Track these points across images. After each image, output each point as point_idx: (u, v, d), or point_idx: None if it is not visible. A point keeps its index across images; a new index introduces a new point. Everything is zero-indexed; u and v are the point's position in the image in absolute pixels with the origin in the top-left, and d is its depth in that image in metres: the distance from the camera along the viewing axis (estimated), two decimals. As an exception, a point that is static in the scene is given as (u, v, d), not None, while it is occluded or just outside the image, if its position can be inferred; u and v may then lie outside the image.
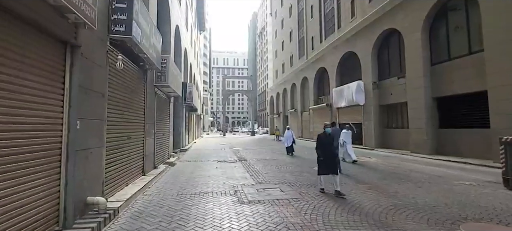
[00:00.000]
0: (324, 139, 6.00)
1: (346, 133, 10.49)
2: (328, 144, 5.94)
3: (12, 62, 2.85)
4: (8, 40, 2.79)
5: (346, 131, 10.57)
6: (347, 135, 10.53)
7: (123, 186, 5.79)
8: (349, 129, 10.75)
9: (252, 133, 44.12)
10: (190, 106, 18.51)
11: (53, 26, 3.37)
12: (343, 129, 10.79)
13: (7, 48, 2.78)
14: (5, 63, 2.76)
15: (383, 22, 15.69)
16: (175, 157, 12.08)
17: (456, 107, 11.84)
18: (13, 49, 2.85)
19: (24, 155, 2.98)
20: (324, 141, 5.97)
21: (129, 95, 6.23)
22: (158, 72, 8.37)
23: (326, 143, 5.93)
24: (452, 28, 11.99)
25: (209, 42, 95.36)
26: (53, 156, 3.47)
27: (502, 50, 9.25)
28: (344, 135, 10.37)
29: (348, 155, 10.36)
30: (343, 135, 10.30)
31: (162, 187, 6.44)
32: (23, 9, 2.87)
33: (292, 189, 6.15)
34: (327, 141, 5.96)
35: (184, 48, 16.71)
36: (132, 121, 6.45)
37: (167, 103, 11.23)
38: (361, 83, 17.71)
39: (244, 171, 8.80)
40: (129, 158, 6.21)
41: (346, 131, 10.60)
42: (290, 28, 35.40)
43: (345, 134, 10.46)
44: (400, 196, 5.59)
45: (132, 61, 6.33)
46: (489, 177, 7.64)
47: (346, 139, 10.42)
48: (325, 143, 5.94)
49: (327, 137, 6.00)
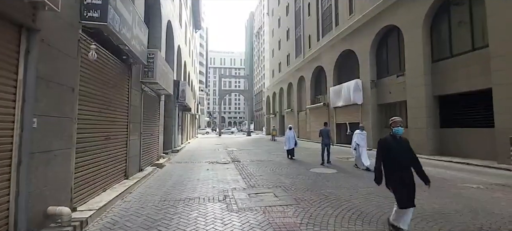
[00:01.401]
0: (396, 146, 3.39)
1: (360, 134, 9.17)
2: (401, 152, 3.38)
3: None
4: None
5: (359, 132, 9.26)
6: (361, 136, 9.15)
7: (100, 192, 5.22)
8: (363, 129, 9.41)
9: (248, 133, 43.56)
10: (183, 105, 17.91)
11: (2, 5, 2.81)
12: (356, 129, 9.54)
13: None
14: None
15: (383, 18, 15.26)
16: (165, 158, 11.50)
17: (458, 106, 11.43)
18: None
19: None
20: (396, 150, 3.37)
21: (109, 91, 5.66)
22: (145, 67, 7.80)
23: (398, 152, 3.37)
24: (454, 24, 11.57)
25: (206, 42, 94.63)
26: (1, 160, 2.91)
27: (508, 46, 8.84)
28: (358, 136, 9.14)
29: (360, 159, 8.96)
30: (356, 136, 9.15)
31: (145, 192, 5.88)
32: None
33: (287, 194, 5.63)
34: (400, 148, 3.39)
35: (177, 45, 16.12)
36: (113, 119, 5.88)
37: (157, 102, 10.65)
38: (359, 82, 17.28)
39: (237, 173, 8.27)
40: (107, 160, 5.64)
41: (359, 131, 9.28)
42: (287, 27, 34.92)
43: (359, 136, 9.15)
44: (405, 201, 5.10)
45: (112, 54, 5.76)
46: (497, 179, 7.19)
47: (361, 142, 9.03)
48: (396, 152, 3.36)
49: (399, 143, 3.42)
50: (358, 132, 9.28)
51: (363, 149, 8.94)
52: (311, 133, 25.20)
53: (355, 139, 9.16)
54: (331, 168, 9.05)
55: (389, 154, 3.40)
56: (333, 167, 9.42)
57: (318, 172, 8.31)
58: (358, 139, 9.09)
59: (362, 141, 9.07)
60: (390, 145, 3.43)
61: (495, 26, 9.31)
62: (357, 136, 9.18)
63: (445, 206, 4.75)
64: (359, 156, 8.95)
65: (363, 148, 8.97)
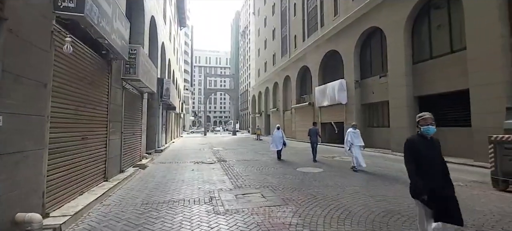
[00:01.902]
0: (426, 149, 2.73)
1: (353, 133, 8.49)
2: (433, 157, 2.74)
3: None
4: None
5: (353, 130, 8.57)
6: (356, 135, 8.47)
7: (76, 195, 4.88)
8: (356, 128, 8.73)
9: (233, 133, 43.29)
10: (168, 104, 17.44)
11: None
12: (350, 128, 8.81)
13: None
14: None
15: (366, 20, 15.59)
16: (148, 158, 11.09)
17: (437, 106, 11.85)
18: None
19: None
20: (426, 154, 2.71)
21: (87, 88, 5.32)
22: (127, 63, 7.43)
23: (429, 156, 2.72)
24: (434, 27, 12.00)
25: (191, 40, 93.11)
26: (-41, 162, 2.60)
27: (485, 49, 9.26)
28: (351, 135, 8.45)
29: (357, 160, 8.23)
30: (350, 135, 8.47)
31: (126, 195, 5.58)
32: None
33: (275, 194, 5.54)
34: (431, 151, 2.74)
35: (161, 42, 15.64)
36: (91, 118, 5.53)
37: (140, 100, 10.24)
38: (344, 82, 17.58)
39: (223, 173, 8.09)
40: (85, 161, 5.30)
41: (352, 129, 8.61)
42: (273, 27, 34.99)
43: (352, 134, 8.46)
44: (391, 199, 5.17)
45: (90, 48, 5.42)
46: (474, 176, 7.50)
47: (355, 140, 8.37)
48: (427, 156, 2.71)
49: (430, 145, 2.77)
50: (351, 130, 8.61)
51: (358, 149, 8.33)
52: (297, 132, 25.40)
53: (348, 138, 8.51)
54: (317, 167, 9.07)
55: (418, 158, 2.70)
56: (319, 166, 9.45)
57: (305, 171, 8.30)
58: (352, 137, 8.45)
59: (356, 139, 8.43)
60: (419, 147, 2.72)
61: (472, 30, 9.73)
62: (350, 134, 8.52)
63: (429, 203, 4.84)
64: (352, 155, 8.37)
65: (357, 147, 8.35)
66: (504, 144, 5.73)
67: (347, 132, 8.72)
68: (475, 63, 9.57)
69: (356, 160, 8.27)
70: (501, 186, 5.80)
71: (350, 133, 8.56)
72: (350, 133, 8.54)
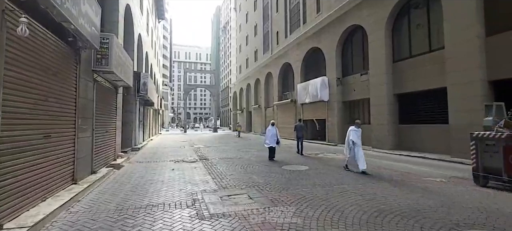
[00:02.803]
0: None
1: (355, 131, 7.69)
2: None
3: None
4: None
5: (355, 128, 7.75)
6: (357, 134, 7.67)
7: (38, 202, 4.26)
8: (359, 126, 7.85)
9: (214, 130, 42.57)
10: (145, 99, 16.52)
11: None
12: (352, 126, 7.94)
13: None
14: None
15: (348, 18, 15.71)
16: (124, 157, 10.35)
17: (416, 103, 12.21)
18: None
19: None
20: None
21: (49, 80, 4.66)
22: (98, 53, 6.73)
23: None
24: (413, 26, 12.29)
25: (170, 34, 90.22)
26: None
27: (462, 49, 9.57)
28: (353, 133, 7.66)
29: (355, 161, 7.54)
30: (352, 133, 7.68)
31: (97, 200, 5.00)
32: None
33: (262, 195, 5.25)
34: None
35: (138, 34, 14.70)
36: (55, 113, 4.88)
37: (114, 95, 9.47)
38: (326, 79, 17.68)
39: (206, 173, 7.67)
40: (48, 163, 4.66)
41: (355, 128, 7.77)
42: (254, 22, 34.60)
43: (354, 133, 7.66)
44: (380, 198, 5.07)
45: (54, 34, 4.75)
46: (453, 172, 7.72)
47: (357, 140, 7.56)
48: None
49: None
50: (353, 129, 7.81)
51: (359, 149, 7.52)
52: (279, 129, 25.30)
53: (350, 137, 7.69)
54: (303, 165, 8.90)
55: None
56: (304, 163, 9.30)
57: (291, 169, 8.10)
58: (353, 136, 7.64)
59: (358, 139, 7.63)
60: None
61: (450, 30, 10.03)
62: (352, 133, 7.73)
63: (418, 202, 4.79)
64: (354, 156, 7.56)
65: (359, 147, 7.55)
66: (485, 140, 5.86)
67: (349, 130, 7.88)
68: (453, 62, 9.89)
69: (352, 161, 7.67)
70: (481, 182, 5.94)
71: (352, 132, 7.72)
72: (352, 132, 7.72)
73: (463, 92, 9.49)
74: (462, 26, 9.58)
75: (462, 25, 9.59)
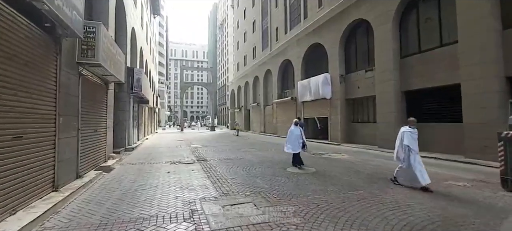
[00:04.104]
0: None
1: (410, 133, 5.79)
2: None
3: None
4: None
5: (410, 129, 5.84)
6: (414, 136, 5.80)
7: (5, 216, 3.56)
8: (414, 127, 5.92)
9: (212, 128, 41.84)
10: (140, 97, 15.76)
11: None
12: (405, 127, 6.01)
13: None
14: None
15: (352, 12, 15.08)
16: (116, 158, 9.64)
17: (425, 101, 11.62)
18: None
19: None
20: None
21: (20, 70, 3.95)
22: (83, 44, 6.01)
23: None
24: (423, 20, 11.68)
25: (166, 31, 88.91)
26: None
27: (477, 42, 8.98)
28: (407, 136, 5.77)
29: (412, 172, 5.56)
30: (406, 136, 5.78)
31: (79, 211, 4.31)
32: None
33: (270, 203, 4.60)
34: None
35: (131, 27, 13.93)
36: (27, 110, 4.16)
37: (104, 91, 8.73)
38: (328, 76, 17.05)
39: (204, 176, 6.99)
40: (20, 168, 3.95)
41: (410, 129, 5.86)
42: (253, 18, 33.84)
43: (410, 135, 5.77)
44: (404, 206, 4.46)
45: (26, 17, 4.03)
46: (472, 174, 7.13)
47: (412, 143, 5.72)
48: None
49: None
50: (407, 130, 5.87)
51: (417, 157, 5.66)
52: (278, 127, 24.71)
53: (405, 141, 5.77)
54: (309, 166, 8.23)
55: None
56: (311, 164, 8.63)
57: (296, 172, 7.45)
58: (409, 140, 5.73)
59: (415, 143, 5.77)
60: None
61: (464, 23, 9.43)
62: (406, 135, 5.79)
63: (447, 210, 4.21)
64: (410, 166, 5.62)
65: (417, 154, 5.70)
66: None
67: (401, 132, 6.01)
68: (467, 57, 9.30)
69: (408, 172, 5.70)
70: (510, 187, 5.36)
71: (406, 134, 5.82)
72: (407, 134, 5.81)
73: (478, 88, 8.91)
74: (477, 19, 8.99)
75: (477, 18, 8.99)
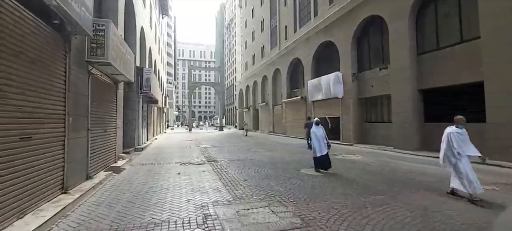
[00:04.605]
0: None
1: (458, 135, 4.96)
2: None
3: None
4: None
5: (458, 130, 4.99)
6: (462, 137, 4.95)
7: (12, 220, 3.41)
8: (463, 126, 5.05)
9: (220, 128, 41.79)
10: (149, 97, 15.72)
11: None
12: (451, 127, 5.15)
13: None
14: None
15: (365, 8, 14.60)
16: (126, 159, 9.53)
17: (444, 100, 11.09)
18: None
19: None
20: None
21: (26, 68, 3.79)
22: (92, 42, 5.87)
23: None
24: (441, 15, 11.15)
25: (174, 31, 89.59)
26: None
27: (502, 37, 8.45)
28: (455, 137, 4.95)
29: (461, 180, 4.82)
30: (453, 137, 4.95)
31: (89, 214, 4.13)
32: None
33: (287, 208, 4.32)
34: None
35: (140, 27, 13.87)
36: (34, 110, 4.01)
37: (114, 90, 8.63)
38: (340, 75, 16.60)
39: (216, 177, 6.77)
40: (27, 170, 3.80)
41: (458, 129, 5.01)
42: (261, 17, 33.54)
43: (457, 136, 4.95)
44: (435, 213, 4.11)
45: (33, 12, 3.88)
46: (499, 177, 6.68)
47: (461, 144, 4.90)
48: None
49: None
50: (455, 131, 5.00)
51: (468, 161, 4.88)
52: (288, 127, 24.36)
53: (453, 142, 4.93)
54: (323, 168, 7.90)
55: None
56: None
57: (311, 174, 7.15)
58: (458, 141, 4.91)
59: (466, 145, 4.91)
60: None
61: (487, 17, 8.90)
62: (455, 137, 4.95)
63: (488, 219, 3.82)
64: (462, 172, 4.81)
65: (468, 159, 4.89)
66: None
67: (446, 133, 5.11)
68: (491, 53, 8.77)
69: (461, 178, 4.84)
70: (549, 192, 4.90)
71: (454, 135, 4.96)
72: (455, 135, 4.96)
73: (504, 86, 8.39)
74: (502, 13, 8.46)
75: (501, 12, 8.46)
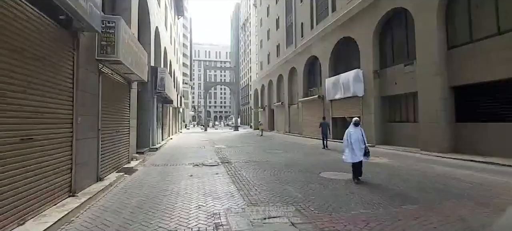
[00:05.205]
0: None
1: None
2: None
3: None
4: None
5: None
6: None
7: (12, 226, 3.19)
8: None
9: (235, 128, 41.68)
10: (164, 97, 15.71)
11: None
12: None
13: None
14: None
15: (387, 1, 13.72)
16: (140, 159, 9.42)
17: (478, 98, 10.12)
18: None
19: None
20: None
21: (29, 65, 3.59)
22: (103, 40, 5.68)
23: None
24: (474, 4, 10.16)
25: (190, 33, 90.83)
26: None
27: (551, 26, 7.47)
28: None
29: None
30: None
31: (94, 221, 3.88)
32: None
33: (307, 219, 3.86)
34: None
35: (155, 27, 13.85)
36: (38, 110, 3.81)
37: (126, 90, 8.51)
38: (360, 72, 15.78)
39: (229, 181, 6.40)
40: (29, 173, 3.60)
41: None
42: (276, 15, 32.98)
43: None
44: (477, 227, 3.51)
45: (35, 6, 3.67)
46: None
47: None
48: None
49: None
50: None
51: None
52: (304, 127, 23.69)
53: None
54: (343, 172, 7.32)
55: None
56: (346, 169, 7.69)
57: (332, 178, 6.62)
58: None
59: None
60: None
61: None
62: None
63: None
64: None
65: None
66: None
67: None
68: (537, 44, 7.80)
69: None
70: None
71: None
72: None
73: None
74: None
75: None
